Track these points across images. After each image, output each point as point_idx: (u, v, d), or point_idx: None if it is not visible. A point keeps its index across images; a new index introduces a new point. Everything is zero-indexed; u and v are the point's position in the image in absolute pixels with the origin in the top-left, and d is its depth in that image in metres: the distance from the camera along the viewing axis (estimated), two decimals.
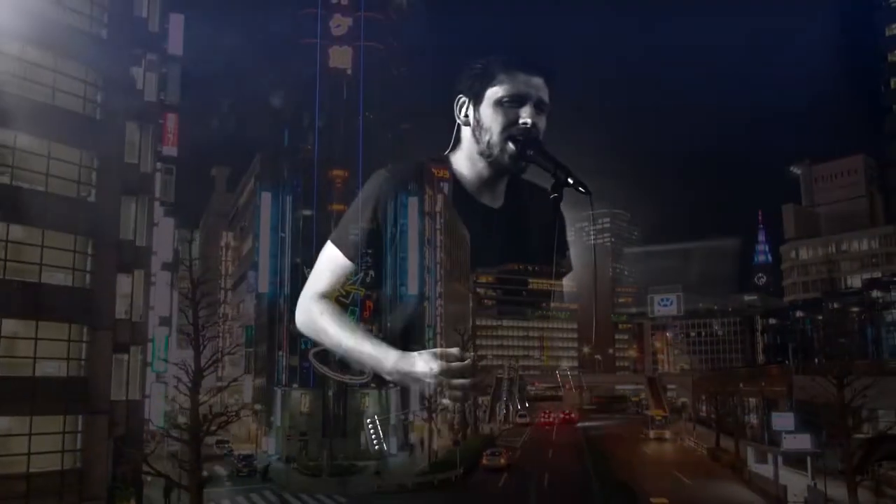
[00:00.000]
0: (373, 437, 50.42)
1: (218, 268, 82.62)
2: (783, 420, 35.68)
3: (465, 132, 3.90)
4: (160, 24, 32.31)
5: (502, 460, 45.00)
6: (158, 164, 39.06)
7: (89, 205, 25.38)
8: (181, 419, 31.75)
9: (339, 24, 54.05)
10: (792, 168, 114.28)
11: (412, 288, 53.73)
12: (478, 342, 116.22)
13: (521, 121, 3.60)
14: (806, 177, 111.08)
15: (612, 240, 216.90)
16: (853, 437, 33.56)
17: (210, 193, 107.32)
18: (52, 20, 24.23)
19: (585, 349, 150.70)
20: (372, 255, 52.52)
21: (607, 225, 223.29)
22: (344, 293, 51.94)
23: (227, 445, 53.24)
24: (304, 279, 47.80)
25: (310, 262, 50.80)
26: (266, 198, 55.26)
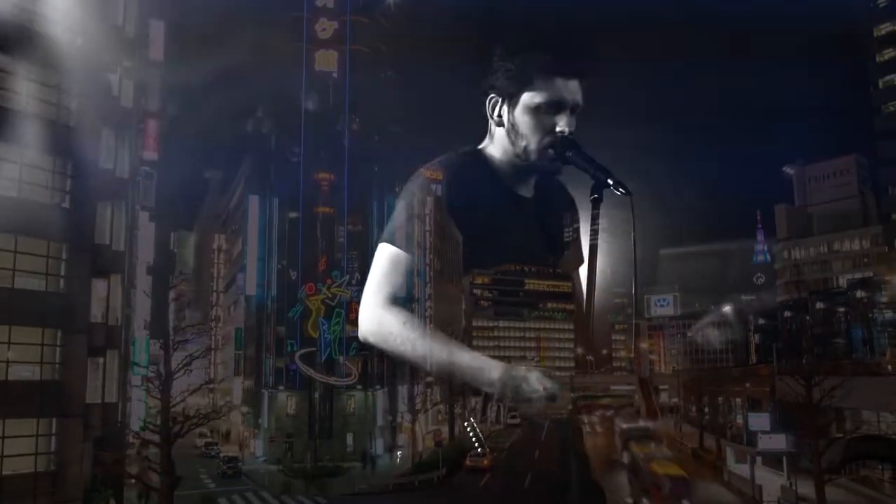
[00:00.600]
0: (473, 439, 50.30)
1: (210, 270, 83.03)
2: (759, 420, 35.96)
3: (499, 131, 3.98)
4: (138, 30, 32.61)
5: (485, 461, 45.28)
6: (146, 168, 39.55)
7: (63, 210, 25.67)
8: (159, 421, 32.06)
9: (325, 27, 54.43)
10: (785, 168, 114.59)
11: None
12: (474, 343, 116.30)
13: (558, 129, 3.71)
14: (799, 177, 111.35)
15: (610, 240, 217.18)
16: (837, 438, 33.90)
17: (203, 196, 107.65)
18: (25, 28, 24.54)
19: (580, 349, 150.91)
20: (357, 256, 52.98)
21: (605, 225, 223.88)
22: (330, 295, 52.50)
23: (215, 447, 53.73)
24: (290, 281, 47.71)
25: (296, 265, 50.85)
26: (253, 201, 55.69)
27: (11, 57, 24.26)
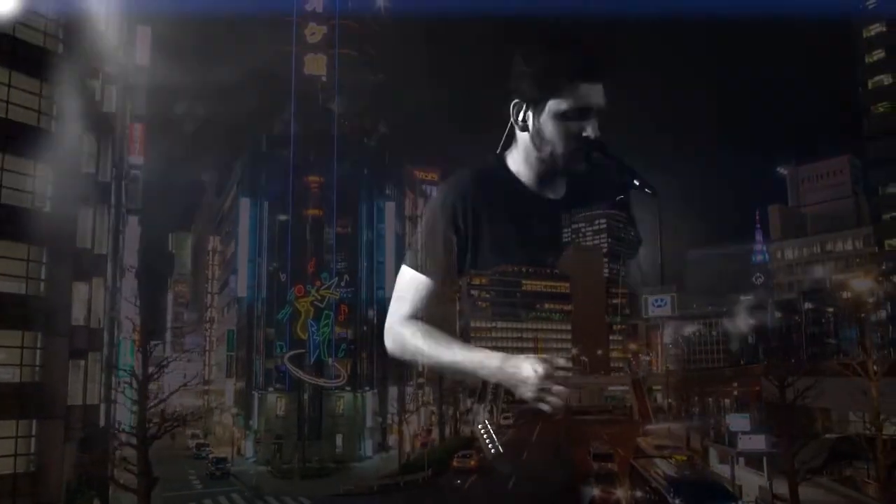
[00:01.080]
0: (487, 441, 50.52)
1: (205, 272, 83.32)
2: (739, 421, 36.18)
3: (523, 135, 3.89)
4: (121, 35, 32.93)
5: (472, 462, 45.40)
6: (136, 172, 39.91)
7: (44, 215, 25.99)
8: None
9: (314, 31, 54.76)
10: (778, 169, 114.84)
11: (390, 291, 54.34)
12: (472, 343, 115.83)
13: (584, 134, 3.69)
14: (792, 177, 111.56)
15: (609, 241, 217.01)
16: (815, 438, 34.14)
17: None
18: (6, 36, 24.88)
19: (574, 350, 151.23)
20: (346, 258, 53.30)
21: (603, 226, 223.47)
22: (319, 297, 52.80)
23: (206, 448, 54.03)
24: (280, 283, 48.14)
25: (285, 267, 51.34)
26: (245, 203, 56.04)
27: None
